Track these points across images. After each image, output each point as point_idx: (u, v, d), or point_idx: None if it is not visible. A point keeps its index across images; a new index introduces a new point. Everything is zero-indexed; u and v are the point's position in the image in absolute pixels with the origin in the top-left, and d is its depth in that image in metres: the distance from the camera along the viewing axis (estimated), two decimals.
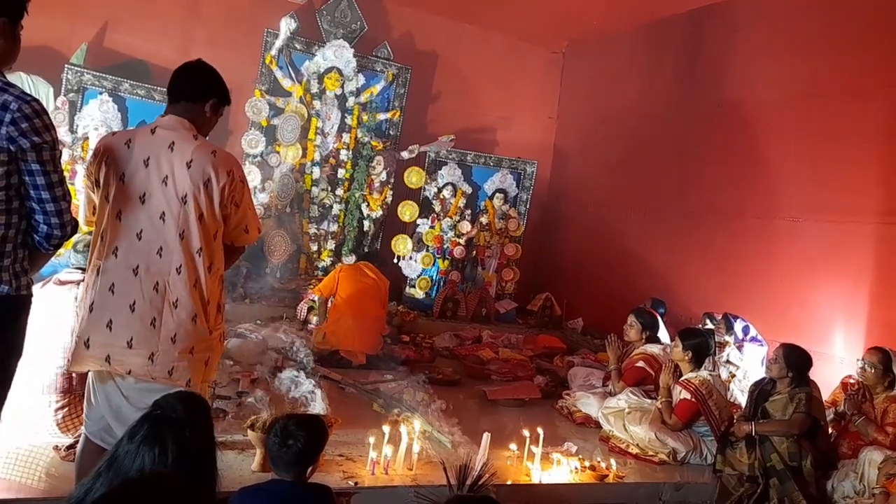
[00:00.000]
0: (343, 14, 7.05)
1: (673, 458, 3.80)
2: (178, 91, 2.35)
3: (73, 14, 6.22)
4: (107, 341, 2.23)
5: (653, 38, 7.09)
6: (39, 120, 1.91)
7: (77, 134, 5.89)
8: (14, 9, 1.98)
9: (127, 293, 2.24)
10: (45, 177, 1.95)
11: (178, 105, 2.34)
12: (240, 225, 2.43)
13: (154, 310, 2.25)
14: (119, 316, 2.24)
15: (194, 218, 2.26)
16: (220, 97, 2.41)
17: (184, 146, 2.26)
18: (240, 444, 3.17)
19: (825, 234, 4.99)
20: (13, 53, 2.02)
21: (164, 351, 2.25)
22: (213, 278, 2.36)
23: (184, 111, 2.33)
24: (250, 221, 2.46)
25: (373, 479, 3.03)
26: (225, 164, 2.32)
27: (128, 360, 2.24)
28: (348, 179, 6.96)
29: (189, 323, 2.29)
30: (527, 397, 4.72)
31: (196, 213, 2.26)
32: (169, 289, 2.26)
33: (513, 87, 8.33)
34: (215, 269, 2.36)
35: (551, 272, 8.08)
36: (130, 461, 1.58)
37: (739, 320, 5.08)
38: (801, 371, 3.68)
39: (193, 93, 2.35)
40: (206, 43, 6.82)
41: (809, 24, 5.31)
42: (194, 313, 2.29)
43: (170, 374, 2.26)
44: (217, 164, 2.29)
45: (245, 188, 2.41)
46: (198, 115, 2.36)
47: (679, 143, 6.51)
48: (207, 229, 2.30)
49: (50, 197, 1.97)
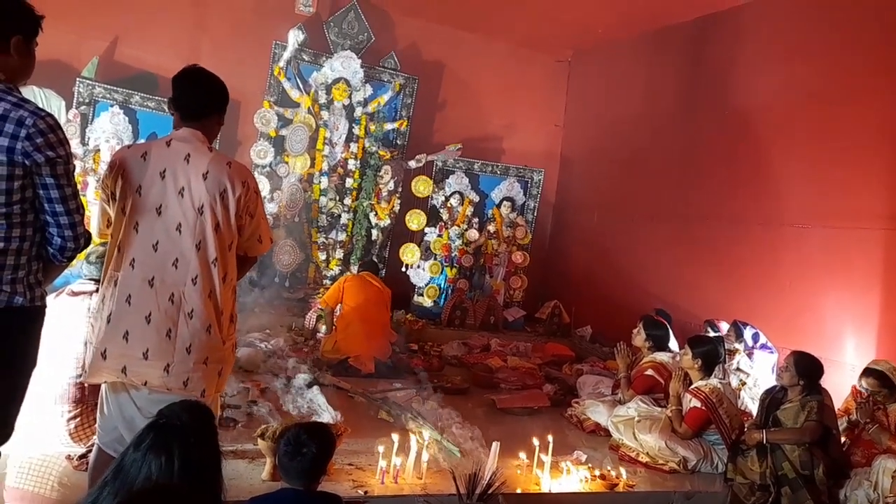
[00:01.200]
0: (350, 25, 7.11)
1: (683, 466, 3.77)
2: (190, 107, 2.39)
3: (83, 28, 6.32)
4: (123, 352, 2.25)
5: (658, 45, 7.10)
6: (54, 135, 1.95)
7: (88, 146, 5.96)
8: (29, 27, 2.02)
9: (143, 304, 2.26)
10: (59, 190, 1.98)
11: (194, 121, 2.39)
12: (253, 235, 2.46)
13: (169, 321, 2.27)
14: (135, 327, 2.26)
15: (210, 228, 2.29)
16: (226, 105, 2.49)
17: (199, 158, 2.30)
18: (250, 454, 3.18)
19: (832, 240, 4.97)
20: (28, 69, 2.07)
21: (179, 361, 2.27)
22: (227, 289, 2.38)
23: (198, 125, 2.38)
24: (263, 231, 2.49)
25: (382, 488, 3.03)
26: (240, 175, 2.36)
27: (143, 371, 2.26)
28: (356, 189, 7.00)
29: (203, 333, 2.31)
30: (536, 406, 4.71)
31: (212, 223, 2.29)
32: (184, 300, 2.28)
33: (519, 96, 8.37)
34: (229, 280, 2.39)
35: (559, 280, 8.08)
36: (137, 470, 1.59)
37: (749, 327, 5.05)
38: (812, 379, 3.65)
39: (206, 109, 2.41)
40: (214, 55, 6.89)
41: (814, 31, 5.31)
42: (209, 323, 2.31)
43: (185, 384, 2.28)
44: (233, 175, 2.33)
45: (259, 199, 2.45)
46: (209, 128, 2.42)
47: (685, 150, 6.51)
48: (223, 240, 2.33)
49: (64, 210, 2.00)
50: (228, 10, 6.96)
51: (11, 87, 1.98)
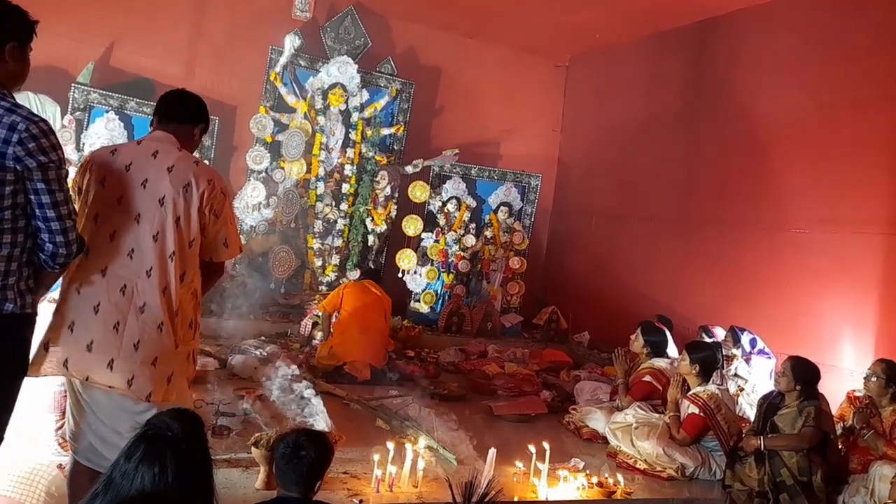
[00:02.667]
0: (347, 30, 7.11)
1: (681, 473, 3.75)
2: (169, 111, 2.40)
3: (79, 33, 6.30)
4: (66, 344, 2.17)
5: (657, 50, 7.11)
6: (46, 140, 1.93)
7: (84, 152, 5.93)
8: (23, 33, 2.02)
9: (92, 295, 2.19)
10: (51, 196, 1.96)
11: (168, 125, 2.38)
12: (218, 237, 2.38)
13: (118, 313, 2.18)
14: (81, 318, 2.18)
15: (171, 221, 2.24)
16: (207, 124, 2.50)
17: (167, 155, 2.29)
18: (244, 462, 3.15)
19: (832, 245, 4.96)
20: (22, 75, 2.06)
21: (124, 357, 2.16)
22: (186, 290, 2.31)
23: (173, 129, 2.37)
24: (230, 235, 2.42)
25: (378, 497, 3.01)
26: (206, 173, 2.34)
27: (86, 365, 2.16)
28: (352, 194, 6.98)
29: (154, 330, 2.21)
30: (533, 412, 4.68)
31: (173, 216, 2.25)
32: (136, 292, 2.20)
33: (516, 101, 8.36)
34: (188, 280, 2.32)
35: (557, 285, 8.06)
36: (129, 482, 1.56)
37: (746, 333, 5.04)
38: (809, 384, 3.64)
39: (185, 115, 2.41)
40: (210, 60, 6.89)
41: (815, 36, 5.31)
42: (160, 321, 2.21)
43: (129, 383, 2.16)
44: (198, 172, 2.31)
45: (226, 200, 2.40)
46: (186, 136, 2.40)
47: (684, 155, 6.51)
48: (182, 235, 2.27)
49: (55, 216, 1.98)
50: (225, 15, 6.95)
51: (5, 92, 1.97)
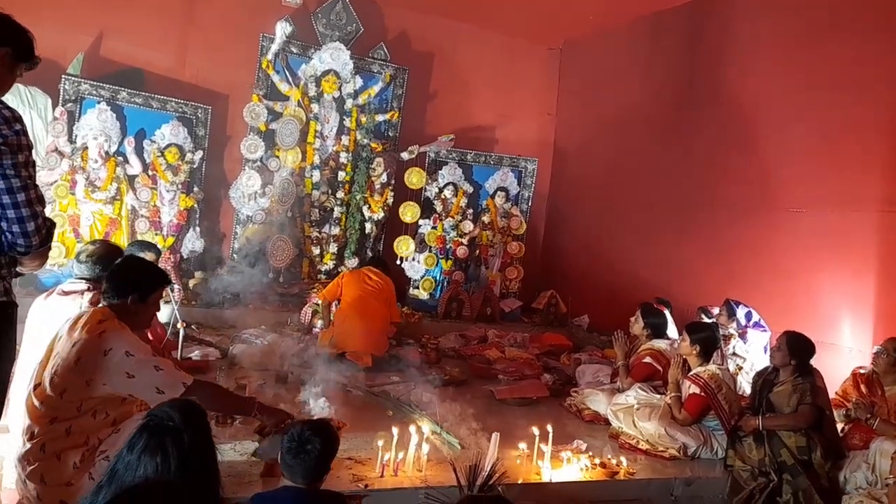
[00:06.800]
0: (338, 16, 7.03)
1: (683, 453, 3.77)
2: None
3: (68, 24, 6.21)
4: None
5: (651, 31, 7.06)
6: (7, 125, 1.90)
7: (76, 144, 5.88)
8: (23, 51, 2.01)
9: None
10: (5, 181, 1.91)
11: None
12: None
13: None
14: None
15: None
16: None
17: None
18: (248, 450, 3.14)
19: (828, 223, 4.97)
20: (6, 86, 2.04)
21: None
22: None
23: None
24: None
25: (382, 482, 3.01)
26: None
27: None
28: (349, 182, 6.95)
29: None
30: (535, 396, 4.70)
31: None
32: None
33: (511, 85, 8.32)
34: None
35: (555, 269, 8.06)
36: (132, 473, 1.56)
37: (742, 306, 5.06)
38: (803, 358, 3.67)
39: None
40: (201, 49, 6.82)
41: (810, 15, 5.28)
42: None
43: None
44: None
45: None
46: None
47: (679, 136, 6.49)
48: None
49: (11, 202, 1.92)
50: (215, 3, 6.87)
51: None
